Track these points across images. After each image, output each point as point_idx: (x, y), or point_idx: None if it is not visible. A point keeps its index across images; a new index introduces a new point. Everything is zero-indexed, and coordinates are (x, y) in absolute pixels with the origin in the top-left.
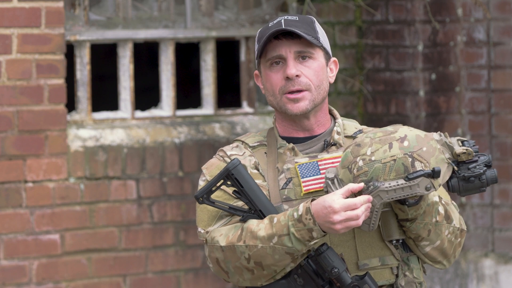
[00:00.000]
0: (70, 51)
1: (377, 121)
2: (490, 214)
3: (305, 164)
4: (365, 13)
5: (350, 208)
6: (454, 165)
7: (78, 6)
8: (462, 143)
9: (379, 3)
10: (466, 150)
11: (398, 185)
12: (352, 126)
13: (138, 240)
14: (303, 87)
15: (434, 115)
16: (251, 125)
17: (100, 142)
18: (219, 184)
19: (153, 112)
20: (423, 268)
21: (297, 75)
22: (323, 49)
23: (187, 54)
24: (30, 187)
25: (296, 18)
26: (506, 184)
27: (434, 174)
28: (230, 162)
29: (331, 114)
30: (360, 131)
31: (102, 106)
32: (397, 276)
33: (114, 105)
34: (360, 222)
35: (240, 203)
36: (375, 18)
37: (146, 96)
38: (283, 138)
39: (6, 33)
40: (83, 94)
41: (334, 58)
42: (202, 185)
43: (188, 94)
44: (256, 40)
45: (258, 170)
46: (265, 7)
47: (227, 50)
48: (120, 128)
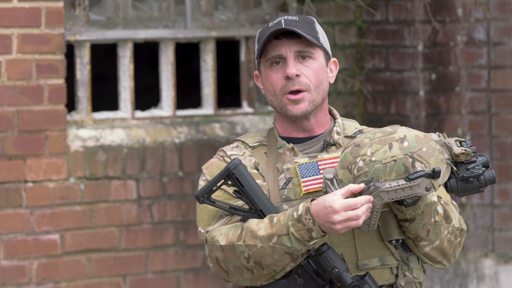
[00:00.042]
0: (70, 51)
1: (377, 121)
2: (490, 214)
3: (304, 164)
4: (365, 13)
5: (350, 208)
6: (453, 165)
7: (78, 6)
8: (460, 144)
9: (379, 3)
10: (465, 150)
11: (398, 185)
12: (352, 126)
13: (138, 240)
14: (303, 87)
15: (434, 115)
16: (251, 125)
17: (100, 142)
18: (220, 183)
19: (153, 112)
20: (423, 268)
21: (297, 75)
22: (323, 49)
23: (187, 54)
24: (30, 187)
25: (296, 18)
26: (506, 184)
27: (435, 175)
28: (231, 161)
29: (331, 114)
30: (360, 131)
31: (102, 106)
32: (396, 276)
33: (114, 105)
34: (360, 222)
35: (240, 203)
36: (375, 18)
37: (146, 96)
38: (283, 138)
39: (6, 33)
40: (83, 94)
41: (334, 59)
42: (202, 184)
43: (188, 94)
44: (256, 40)
45: (258, 170)
46: (265, 7)
47: (227, 50)
48: (120, 128)
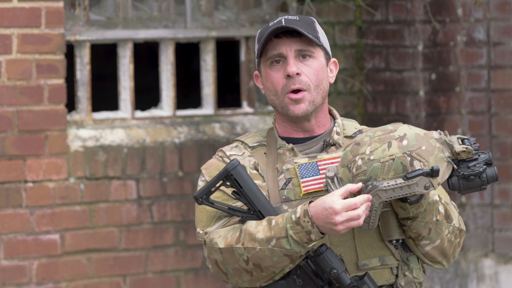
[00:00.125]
0: (70, 51)
1: (377, 121)
2: (490, 214)
3: (304, 164)
4: (365, 13)
5: (351, 208)
6: (454, 163)
7: (78, 6)
8: (462, 141)
9: (379, 3)
10: (466, 148)
11: (396, 184)
12: (351, 126)
13: (138, 240)
14: (303, 86)
15: (434, 115)
16: (251, 125)
17: (100, 142)
18: (218, 184)
19: (153, 112)
20: (423, 268)
21: (297, 73)
22: (323, 49)
23: (187, 54)
24: (30, 187)
25: (296, 18)
26: (506, 184)
27: (433, 173)
28: (229, 162)
29: (331, 114)
30: (359, 131)
31: (102, 106)
32: (396, 276)
33: (114, 105)
34: (361, 221)
35: (239, 204)
36: (375, 18)
37: (146, 96)
38: (283, 138)
39: (6, 33)
40: (83, 94)
41: (334, 59)
42: (201, 185)
43: (188, 94)
44: (256, 40)
45: (258, 171)
46: (265, 7)
47: (227, 50)
48: (120, 128)
